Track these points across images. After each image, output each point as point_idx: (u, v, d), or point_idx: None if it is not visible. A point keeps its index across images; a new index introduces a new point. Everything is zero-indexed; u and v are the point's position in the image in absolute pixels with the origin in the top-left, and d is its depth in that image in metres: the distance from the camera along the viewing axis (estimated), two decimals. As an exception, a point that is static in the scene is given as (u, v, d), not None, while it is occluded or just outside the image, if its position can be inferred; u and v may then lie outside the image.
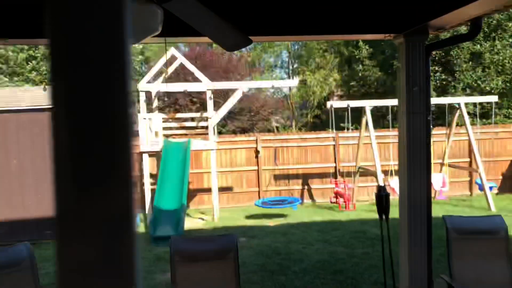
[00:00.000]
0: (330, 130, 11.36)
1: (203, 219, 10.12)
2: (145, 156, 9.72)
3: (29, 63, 14.92)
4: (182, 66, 12.91)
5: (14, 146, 7.96)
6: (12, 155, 7.96)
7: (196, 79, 12.07)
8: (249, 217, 10.25)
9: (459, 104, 10.63)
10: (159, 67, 10.71)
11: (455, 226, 4.14)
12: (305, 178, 12.13)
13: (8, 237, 7.85)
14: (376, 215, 4.86)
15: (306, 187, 12.14)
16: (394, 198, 9.17)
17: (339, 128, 14.52)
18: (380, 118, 17.19)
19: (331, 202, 10.65)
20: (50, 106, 0.58)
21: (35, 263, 3.45)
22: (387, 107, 12.06)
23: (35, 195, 7.97)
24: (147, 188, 9.71)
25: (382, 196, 4.87)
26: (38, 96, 8.31)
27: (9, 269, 3.34)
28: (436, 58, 15.08)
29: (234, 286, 3.56)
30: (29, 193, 7.97)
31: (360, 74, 16.92)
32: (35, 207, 7.95)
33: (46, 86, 7.63)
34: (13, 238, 7.83)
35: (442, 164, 11.40)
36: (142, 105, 9.86)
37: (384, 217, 4.85)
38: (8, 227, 7.90)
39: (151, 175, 10.68)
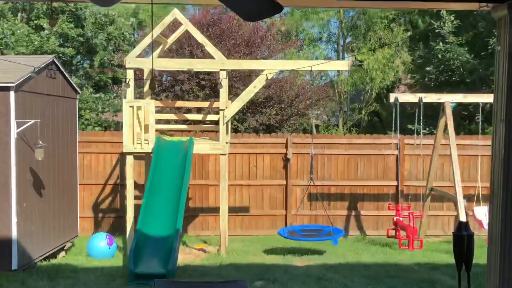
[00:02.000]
0: (393, 133, 11.18)
1: (205, 251, 10.09)
2: (129, 158, 9.75)
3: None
4: (188, 35, 12.95)
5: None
6: None
7: (206, 55, 12.06)
8: (269, 251, 10.18)
9: None
10: (156, 35, 10.72)
11: None
12: (353, 200, 12.00)
13: None
14: (452, 258, 4.68)
15: (353, 212, 12.00)
16: (480, 235, 8.93)
17: (406, 132, 14.34)
18: (466, 120, 16.85)
19: (388, 236, 10.49)
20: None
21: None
22: (476, 104, 11.80)
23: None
24: (130, 203, 9.73)
25: (463, 237, 4.68)
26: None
27: None
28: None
29: None
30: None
31: (440, 56, 16.59)
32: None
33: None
34: None
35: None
36: (130, 87, 9.87)
37: (464, 266, 4.68)
38: None
39: (136, 186, 10.71)
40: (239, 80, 14.16)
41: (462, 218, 9.44)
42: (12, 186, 8.12)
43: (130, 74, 9.96)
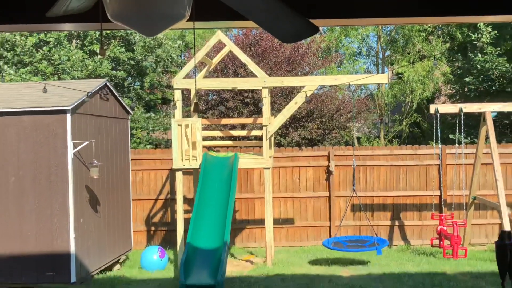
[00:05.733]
0: (434, 144, 10.99)
1: (252, 263, 10.10)
2: (178, 174, 9.87)
3: (39, 50, 15.75)
4: (232, 55, 13.09)
5: (13, 159, 8.37)
6: (10, 170, 8.36)
7: (250, 73, 12.15)
8: (314, 262, 10.13)
9: None
10: (202, 56, 10.87)
11: None
12: (396, 210, 11.82)
13: (0, 278, 8.22)
14: (497, 267, 4.57)
15: (397, 223, 11.81)
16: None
17: (448, 142, 14.05)
18: (508, 128, 16.39)
19: (432, 245, 10.26)
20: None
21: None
22: (517, 113, 11.52)
23: (36, 224, 8.31)
24: (180, 217, 9.84)
25: (505, 246, 4.55)
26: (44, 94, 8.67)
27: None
28: None
29: None
30: (29, 221, 8.33)
31: (479, 66, 16.23)
32: (35, 239, 8.29)
33: (47, 88, 7.93)
34: (6, 279, 8.20)
35: None
36: (178, 106, 10.03)
37: (508, 276, 4.54)
38: (2, 264, 8.27)
39: (186, 200, 10.83)
40: (281, 96, 14.20)
41: (506, 226, 9.19)
42: (70, 203, 8.34)
43: (177, 94, 10.12)
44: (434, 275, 8.84)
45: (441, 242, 9.97)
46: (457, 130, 10.35)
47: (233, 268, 9.59)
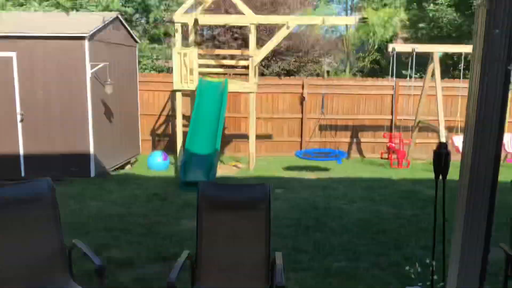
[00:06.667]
0: (390, 77, 11.03)
1: (238, 167, 10.32)
2: (178, 94, 9.87)
3: (59, -15, 15.11)
4: (224, -5, 12.73)
5: (41, 76, 8.27)
6: (38, 85, 8.29)
7: (239, 12, 11.88)
8: (288, 168, 10.38)
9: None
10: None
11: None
12: (355, 130, 12.03)
13: (33, 172, 8.37)
14: (432, 176, 4.78)
15: (355, 140, 12.06)
16: (457, 158, 8.90)
17: (401, 76, 14.09)
18: (450, 67, 16.47)
19: (381, 157, 10.57)
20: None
21: (56, 200, 3.62)
22: (460, 54, 11.52)
23: (61, 129, 8.35)
24: (179, 129, 9.94)
25: (441, 154, 4.73)
26: (66, 22, 8.47)
27: (29, 204, 3.53)
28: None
29: (263, 238, 3.63)
30: (55, 127, 8.37)
31: (431, 15, 16.05)
32: (61, 142, 8.37)
33: (68, 16, 7.74)
34: (38, 173, 8.32)
35: (518, 124, 10.90)
36: (178, 38, 9.87)
37: (441, 177, 4.74)
38: (33, 161, 8.39)
39: (184, 117, 10.89)
40: (265, 33, 13.97)
41: (442, 144, 9.44)
42: (89, 114, 8.38)
43: (178, 28, 9.92)
44: (381, 180, 9.13)
45: (389, 155, 10.29)
46: (409, 67, 10.36)
47: (223, 170, 9.81)
